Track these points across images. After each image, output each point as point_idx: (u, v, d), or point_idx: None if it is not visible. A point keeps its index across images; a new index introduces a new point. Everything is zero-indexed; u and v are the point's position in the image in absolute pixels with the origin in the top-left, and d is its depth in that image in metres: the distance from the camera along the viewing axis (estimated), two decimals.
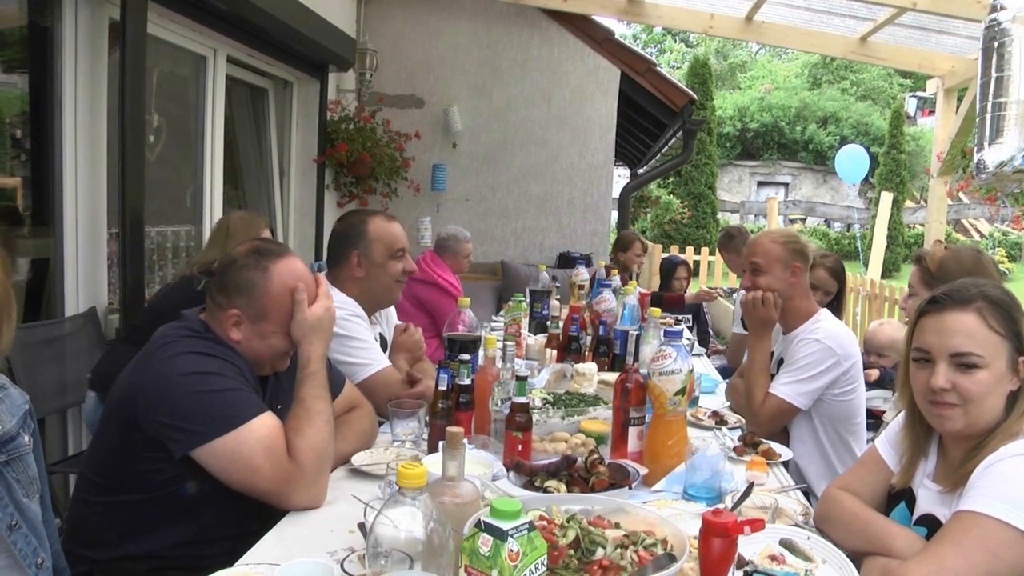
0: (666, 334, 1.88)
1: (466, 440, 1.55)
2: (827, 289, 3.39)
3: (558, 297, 3.83)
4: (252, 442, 1.58)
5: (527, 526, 1.07)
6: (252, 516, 1.65)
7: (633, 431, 1.91)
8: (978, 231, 19.64)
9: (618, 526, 1.35)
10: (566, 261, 6.24)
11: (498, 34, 6.36)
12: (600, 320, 3.02)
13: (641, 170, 10.31)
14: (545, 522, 1.30)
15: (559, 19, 6.31)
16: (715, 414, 2.47)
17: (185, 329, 1.72)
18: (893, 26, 5.69)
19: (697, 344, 4.06)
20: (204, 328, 1.74)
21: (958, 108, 6.17)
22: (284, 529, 1.56)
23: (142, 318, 3.11)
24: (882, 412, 3.18)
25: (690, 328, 4.03)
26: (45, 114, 3.14)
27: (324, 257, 2.61)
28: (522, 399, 1.83)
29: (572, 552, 1.25)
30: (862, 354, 3.51)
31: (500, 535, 1.05)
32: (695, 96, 6.81)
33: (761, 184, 23.97)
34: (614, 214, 7.63)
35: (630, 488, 1.69)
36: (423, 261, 4.30)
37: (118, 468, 1.65)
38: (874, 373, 3.59)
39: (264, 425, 1.61)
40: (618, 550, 1.25)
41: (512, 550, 1.05)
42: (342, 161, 5.59)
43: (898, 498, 1.61)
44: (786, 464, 2.13)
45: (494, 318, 3.66)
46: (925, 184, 15.78)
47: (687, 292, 5.73)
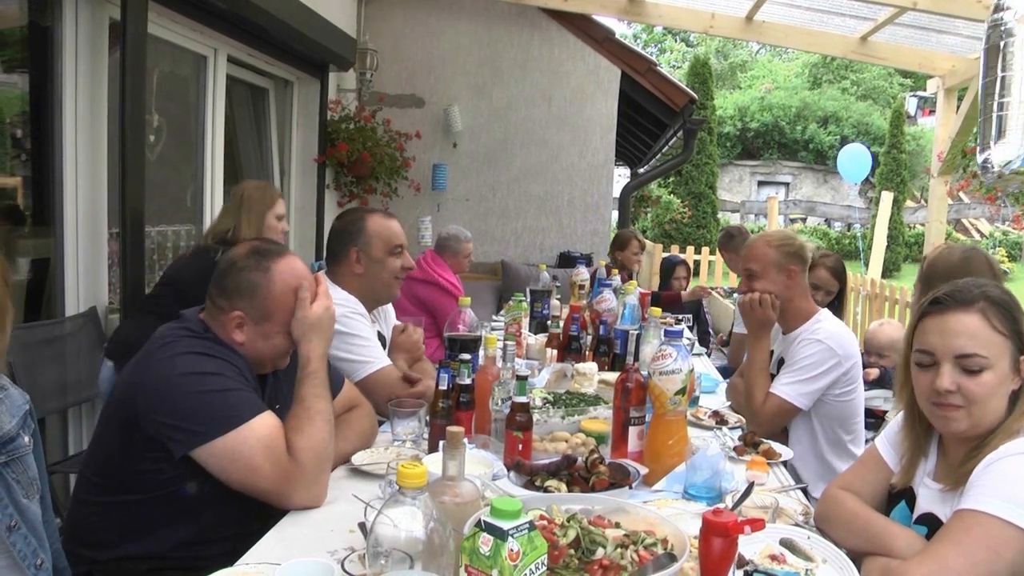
0: (666, 334, 1.88)
1: (466, 440, 1.55)
2: (828, 289, 3.40)
3: (558, 297, 3.82)
4: (252, 442, 1.58)
5: (527, 526, 1.07)
6: (252, 516, 1.65)
7: (633, 431, 1.91)
8: (978, 231, 19.64)
9: (618, 526, 1.35)
10: (566, 261, 6.23)
11: (498, 34, 6.36)
12: (600, 320, 3.02)
13: (641, 170, 10.31)
14: (545, 522, 1.30)
15: (559, 19, 6.31)
16: (715, 414, 2.47)
17: (184, 329, 1.72)
18: (893, 26, 5.69)
19: (697, 344, 4.06)
20: (204, 328, 1.74)
21: (958, 108, 6.16)
22: (284, 529, 1.56)
23: (158, 287, 3.17)
24: (883, 412, 3.18)
25: (690, 328, 4.03)
26: (45, 114, 3.14)
27: (324, 256, 2.62)
28: (522, 399, 1.83)
29: (572, 552, 1.25)
30: (862, 354, 3.52)
31: (500, 535, 1.05)
32: (695, 96, 6.81)
33: (761, 184, 23.96)
34: (615, 214, 7.62)
35: (630, 488, 1.69)
36: (424, 261, 4.30)
37: (118, 468, 1.65)
38: (874, 372, 3.59)
39: (264, 424, 1.61)
40: (618, 550, 1.25)
41: (512, 550, 1.05)
42: (342, 161, 5.59)
43: (898, 497, 1.61)
44: (786, 464, 2.13)
45: (494, 318, 3.66)
46: (925, 184, 15.77)
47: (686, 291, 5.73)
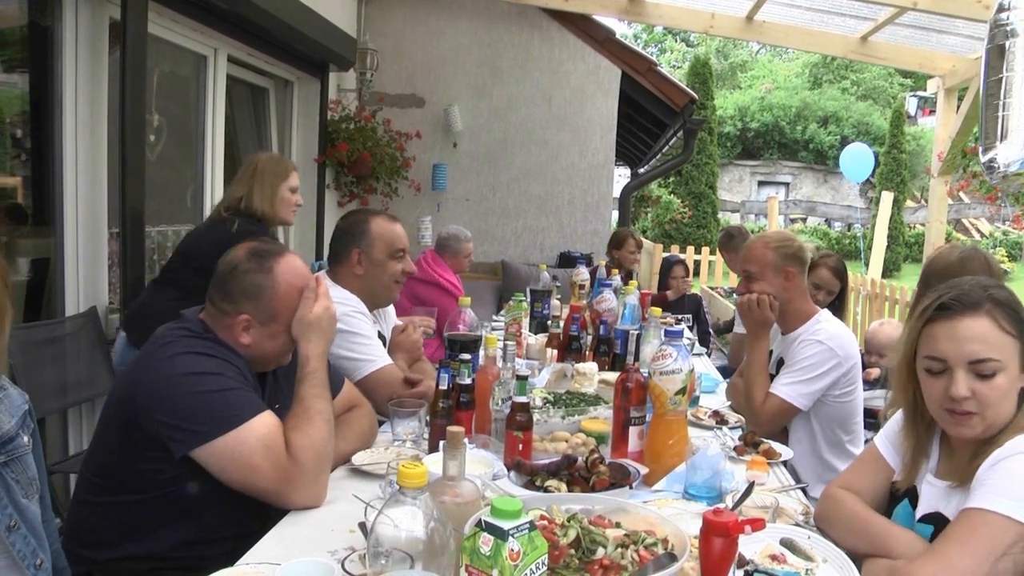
0: (666, 334, 1.88)
1: (467, 439, 1.55)
2: (830, 289, 3.40)
3: (559, 297, 3.82)
4: (252, 441, 1.58)
5: (528, 525, 1.07)
6: (252, 516, 1.65)
7: (634, 431, 1.91)
8: (978, 231, 19.64)
9: (619, 525, 1.35)
10: (567, 261, 6.23)
11: (499, 34, 6.36)
12: (601, 320, 3.02)
13: (642, 170, 10.31)
14: (546, 521, 1.30)
15: (560, 19, 6.31)
16: (716, 414, 2.47)
17: (184, 329, 1.72)
18: (894, 26, 5.69)
19: (698, 344, 4.06)
20: (203, 328, 1.74)
21: (959, 108, 6.16)
22: (284, 529, 1.56)
23: (173, 260, 3.18)
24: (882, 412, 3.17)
25: (690, 328, 4.03)
26: (45, 114, 3.14)
27: (324, 256, 2.62)
28: (523, 398, 1.83)
29: (573, 551, 1.25)
30: (862, 354, 3.52)
31: (501, 534, 1.05)
32: (696, 96, 6.81)
33: (762, 184, 23.96)
34: (615, 214, 7.62)
35: (631, 488, 1.69)
36: (424, 261, 4.30)
37: (118, 468, 1.65)
38: (874, 372, 3.59)
39: (264, 424, 1.61)
40: (619, 549, 1.25)
41: (513, 549, 1.04)
42: (343, 161, 5.59)
43: (901, 496, 1.60)
44: (786, 464, 2.13)
45: (495, 317, 3.66)
46: (926, 184, 15.77)
47: (682, 291, 5.71)
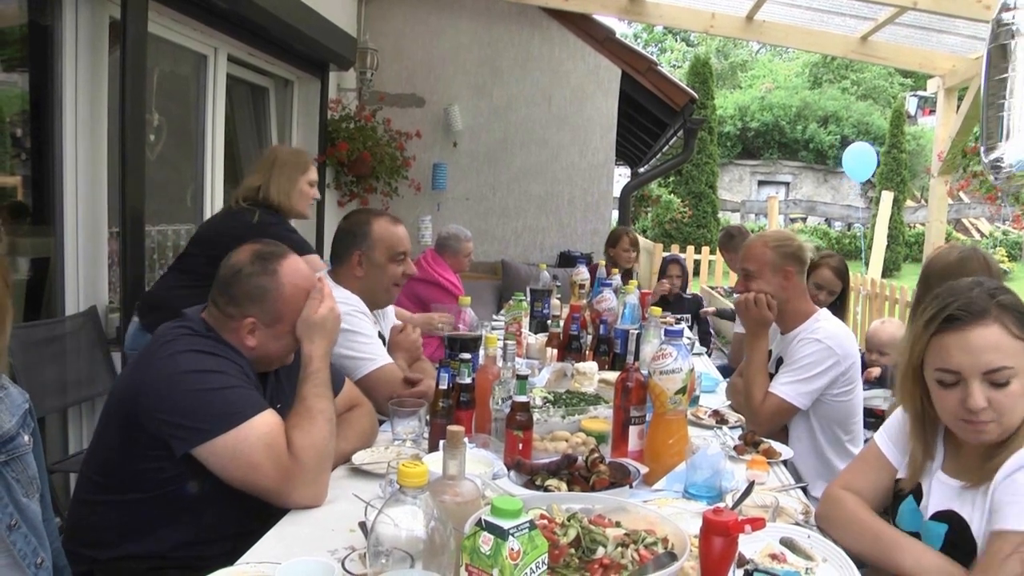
0: (666, 333, 1.88)
1: (467, 439, 1.55)
2: (831, 289, 3.41)
3: (559, 296, 3.82)
4: (253, 440, 1.58)
5: (528, 525, 1.07)
6: (253, 515, 1.65)
7: (634, 430, 1.91)
8: (978, 230, 19.63)
9: (619, 525, 1.35)
10: (567, 260, 6.23)
11: (499, 33, 6.36)
12: (601, 319, 3.02)
13: (642, 169, 10.30)
14: (546, 521, 1.30)
15: (560, 18, 6.31)
16: (716, 413, 2.47)
17: (186, 328, 1.72)
18: (894, 25, 5.68)
19: (698, 343, 4.06)
20: (205, 327, 1.74)
21: (959, 107, 6.16)
22: (285, 528, 1.56)
23: (190, 247, 3.19)
24: (882, 411, 3.17)
25: (690, 327, 4.03)
26: (45, 113, 3.14)
27: (325, 255, 2.62)
28: (523, 398, 1.83)
29: (573, 551, 1.25)
30: (863, 352, 3.52)
31: (501, 534, 1.05)
32: (696, 95, 6.80)
33: (762, 183, 23.96)
34: (615, 213, 7.62)
35: (631, 487, 1.69)
36: (424, 260, 4.30)
37: (119, 467, 1.65)
38: (875, 371, 3.59)
39: (265, 423, 1.61)
40: (619, 549, 1.25)
41: (513, 549, 1.04)
42: (343, 160, 5.59)
43: (905, 493, 1.59)
44: (786, 463, 2.13)
45: (495, 317, 3.66)
46: (926, 183, 15.77)
47: (678, 291, 5.70)
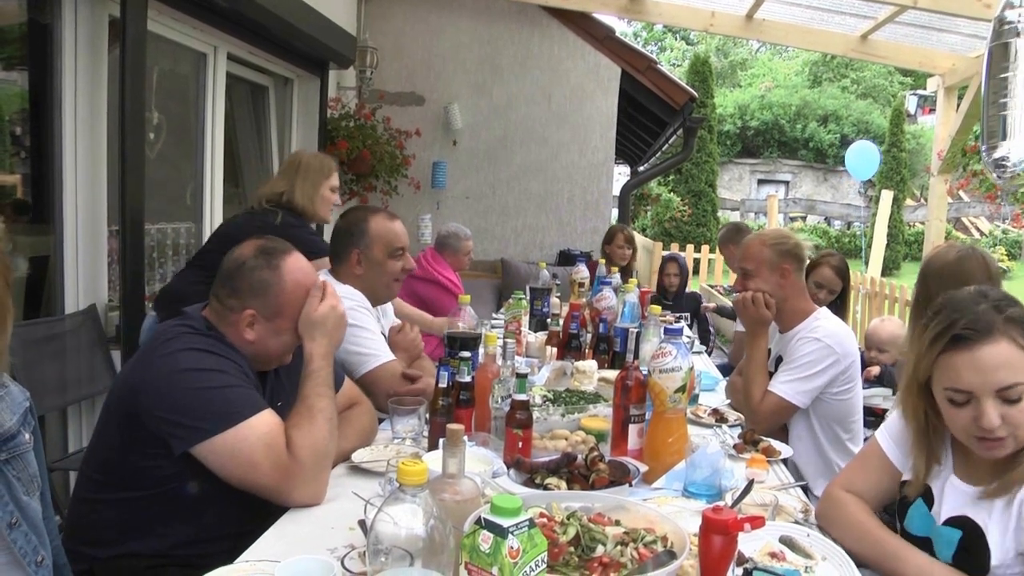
0: (666, 332, 1.88)
1: (466, 437, 1.55)
2: (832, 288, 3.42)
3: (558, 295, 3.83)
4: (252, 439, 1.58)
5: (527, 523, 1.07)
6: (252, 514, 1.65)
7: (633, 428, 1.91)
8: (978, 229, 19.62)
9: (618, 523, 1.35)
10: (566, 259, 6.22)
11: (499, 31, 6.35)
12: (600, 318, 3.02)
13: (641, 168, 10.30)
14: (545, 519, 1.30)
15: (560, 17, 6.30)
16: (715, 412, 2.47)
17: (187, 326, 1.72)
18: (894, 24, 5.68)
19: (698, 342, 4.06)
20: (207, 325, 1.74)
21: (959, 106, 6.15)
22: (284, 526, 1.56)
23: (210, 243, 3.24)
24: (882, 410, 3.18)
25: (689, 326, 4.04)
26: (45, 111, 3.14)
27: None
28: (522, 396, 1.83)
29: (572, 549, 1.25)
30: (863, 350, 3.52)
31: (500, 532, 1.05)
32: (695, 94, 6.80)
33: (761, 182, 23.94)
34: (614, 212, 7.62)
35: (630, 485, 1.69)
36: (424, 259, 4.30)
37: (118, 465, 1.65)
38: (875, 370, 3.59)
39: (264, 422, 1.61)
40: (618, 547, 1.26)
41: (512, 547, 1.05)
42: (342, 159, 5.58)
43: (914, 497, 1.57)
44: (785, 461, 2.13)
45: (494, 315, 3.67)
46: (925, 182, 15.77)
47: (678, 289, 5.70)
